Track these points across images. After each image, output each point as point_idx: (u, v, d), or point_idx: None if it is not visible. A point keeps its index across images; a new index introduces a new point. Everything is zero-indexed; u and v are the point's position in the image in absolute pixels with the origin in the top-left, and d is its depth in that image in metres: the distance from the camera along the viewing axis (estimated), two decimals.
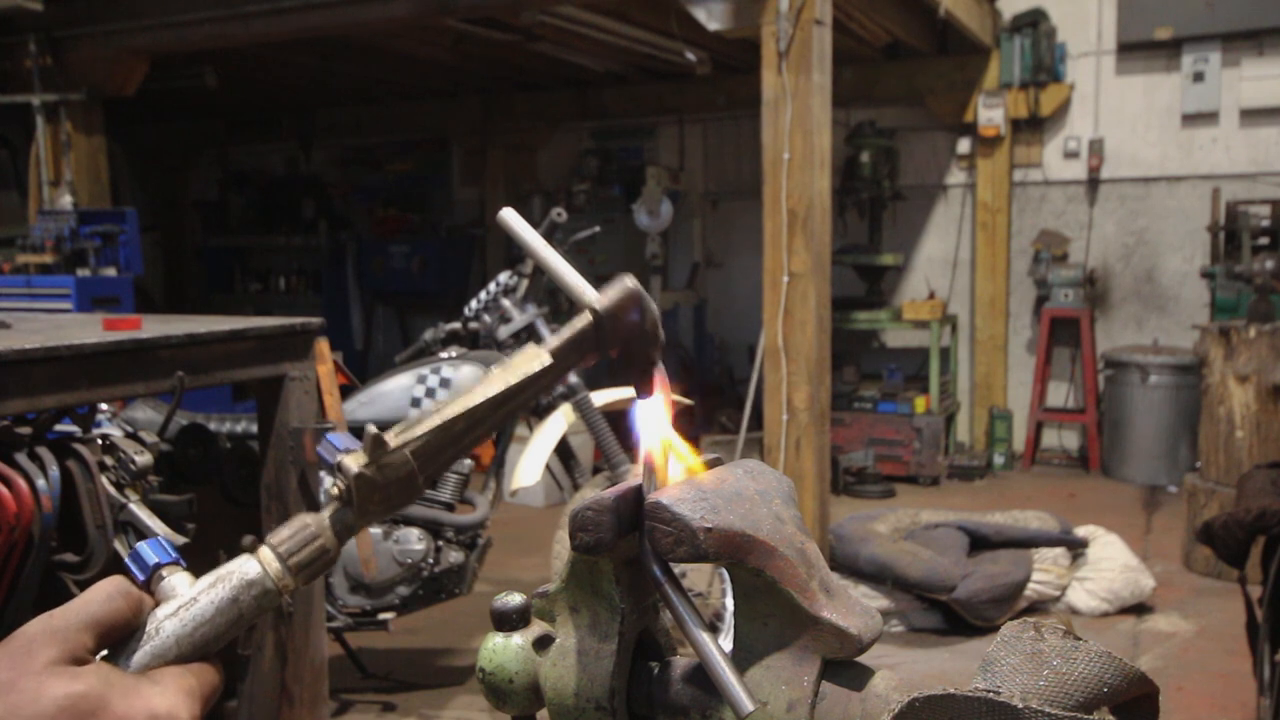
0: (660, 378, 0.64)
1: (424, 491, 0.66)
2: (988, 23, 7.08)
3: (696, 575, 3.77)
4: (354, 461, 0.60)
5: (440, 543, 3.45)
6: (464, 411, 0.62)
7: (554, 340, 0.64)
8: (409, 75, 8.16)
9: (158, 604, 0.60)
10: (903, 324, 7.20)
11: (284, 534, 0.62)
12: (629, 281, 0.64)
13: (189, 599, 0.60)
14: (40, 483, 1.98)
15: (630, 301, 0.63)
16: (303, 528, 0.62)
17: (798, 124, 4.31)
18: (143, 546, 0.62)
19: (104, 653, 0.58)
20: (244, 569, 0.61)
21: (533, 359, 0.63)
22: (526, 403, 0.64)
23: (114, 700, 0.54)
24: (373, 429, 0.60)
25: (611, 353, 0.64)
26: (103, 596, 0.57)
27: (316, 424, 2.53)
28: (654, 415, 0.61)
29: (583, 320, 0.63)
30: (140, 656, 0.58)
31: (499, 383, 0.63)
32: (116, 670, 0.57)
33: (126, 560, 0.62)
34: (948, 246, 7.81)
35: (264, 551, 0.61)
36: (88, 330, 2.30)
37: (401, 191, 9.92)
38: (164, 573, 0.62)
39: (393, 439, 0.61)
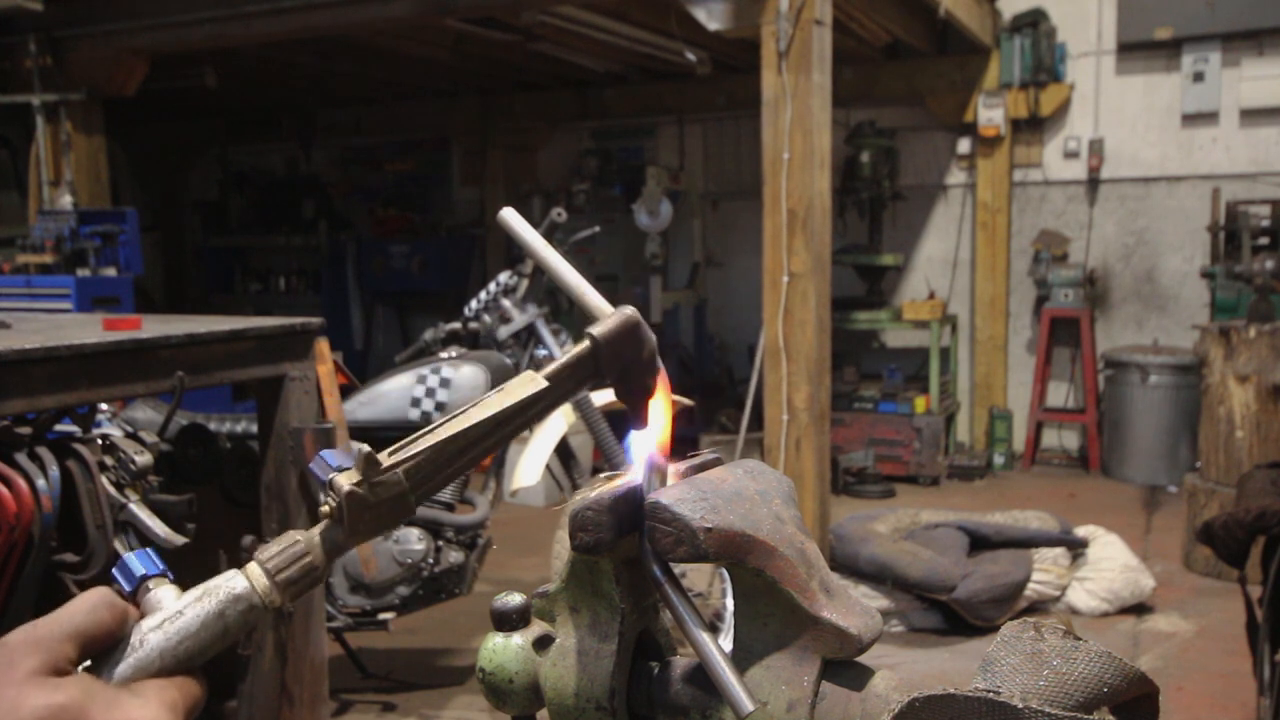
0: (661, 379, 0.65)
1: (415, 512, 0.66)
2: (988, 23, 7.08)
3: (696, 575, 3.77)
4: (346, 479, 0.61)
5: (440, 543, 3.45)
6: (459, 432, 0.62)
7: (551, 365, 0.64)
8: (409, 75, 8.16)
9: (143, 616, 0.60)
10: (903, 324, 7.20)
11: (272, 550, 0.62)
12: (628, 311, 0.65)
13: (174, 612, 0.59)
14: (40, 483, 1.98)
15: (629, 331, 0.64)
16: (292, 544, 0.62)
17: (798, 124, 4.31)
18: (130, 558, 0.62)
19: (86, 664, 0.57)
20: (231, 584, 0.61)
21: (529, 383, 0.64)
22: (522, 427, 0.65)
23: (94, 712, 0.54)
24: (366, 447, 0.60)
25: (608, 380, 0.65)
26: (87, 607, 0.57)
27: (316, 424, 2.53)
28: (647, 448, 0.62)
29: (581, 347, 0.64)
30: (123, 668, 0.57)
31: (495, 405, 0.63)
32: (98, 682, 0.56)
33: (113, 572, 0.62)
34: (948, 246, 7.81)
35: (252, 567, 0.61)
36: (88, 330, 2.31)
37: (401, 191, 9.92)
38: (150, 585, 0.61)
39: (386, 458, 0.61)
